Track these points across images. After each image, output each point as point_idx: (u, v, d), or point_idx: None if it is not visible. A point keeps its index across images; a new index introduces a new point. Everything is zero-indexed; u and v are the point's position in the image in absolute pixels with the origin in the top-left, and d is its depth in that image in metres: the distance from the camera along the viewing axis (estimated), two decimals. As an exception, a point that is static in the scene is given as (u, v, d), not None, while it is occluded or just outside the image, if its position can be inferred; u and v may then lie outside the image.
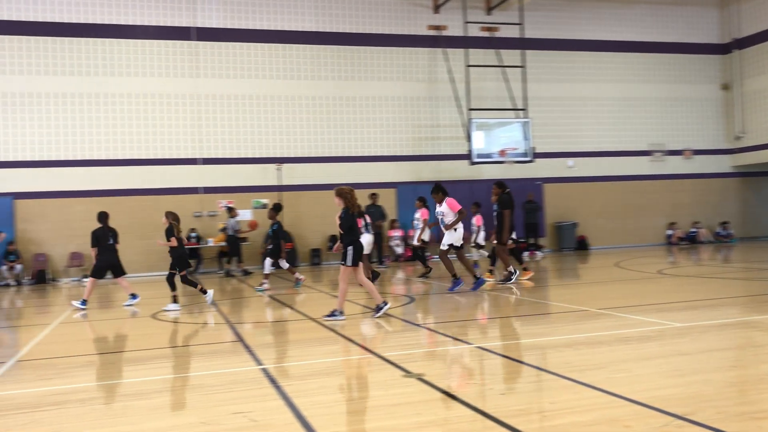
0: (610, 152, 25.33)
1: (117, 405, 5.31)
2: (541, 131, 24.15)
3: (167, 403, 5.31)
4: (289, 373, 6.25)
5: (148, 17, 21.06)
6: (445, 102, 23.43)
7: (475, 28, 23.47)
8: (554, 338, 7.49)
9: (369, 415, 4.76)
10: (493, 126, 22.55)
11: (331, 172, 22.14)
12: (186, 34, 21.37)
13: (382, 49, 23.05)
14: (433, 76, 23.52)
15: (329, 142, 22.49)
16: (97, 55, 20.61)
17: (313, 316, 9.75)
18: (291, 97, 22.21)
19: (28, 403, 5.44)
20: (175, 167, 21.13)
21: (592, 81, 25.21)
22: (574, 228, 24.40)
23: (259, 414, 4.82)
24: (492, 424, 4.37)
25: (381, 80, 23.04)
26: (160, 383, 6.08)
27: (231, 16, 21.78)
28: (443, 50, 23.34)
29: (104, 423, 4.85)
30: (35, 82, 20.06)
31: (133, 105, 20.88)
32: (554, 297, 11.59)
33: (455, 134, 23.37)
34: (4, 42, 19.87)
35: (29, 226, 19.93)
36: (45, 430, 4.69)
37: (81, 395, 5.66)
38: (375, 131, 22.93)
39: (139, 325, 10.34)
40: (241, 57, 21.84)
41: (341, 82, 22.65)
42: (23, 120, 19.95)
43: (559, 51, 24.80)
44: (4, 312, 13.41)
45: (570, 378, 5.41)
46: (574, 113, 24.97)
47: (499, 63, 23.41)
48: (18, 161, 19.88)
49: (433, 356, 6.85)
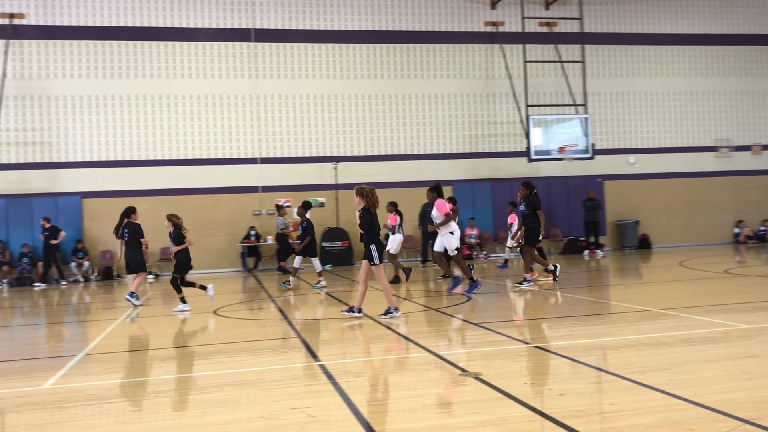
0: (674, 148, 24.64)
1: (180, 398, 5.45)
2: (601, 127, 23.70)
3: (228, 398, 5.43)
4: (346, 370, 6.30)
5: (209, 20, 21.52)
6: (503, 99, 23.21)
7: (533, 24, 23.16)
8: (615, 339, 7.35)
9: (425, 413, 4.76)
10: (552, 122, 22.22)
11: (387, 170, 22.21)
12: (245, 35, 21.75)
13: (438, 47, 22.99)
14: (490, 73, 23.32)
15: (385, 141, 22.55)
16: (160, 58, 21.17)
17: (370, 313, 9.80)
18: (348, 96, 22.36)
19: (96, 395, 5.63)
20: (235, 167, 21.54)
21: (655, 75, 24.57)
22: (635, 226, 23.84)
23: (316, 410, 4.88)
24: (551, 425, 4.32)
25: (437, 78, 22.98)
26: (221, 378, 6.22)
27: (289, 17, 22.06)
28: (500, 46, 23.12)
29: (168, 416, 4.99)
30: (101, 84, 20.74)
31: (195, 106, 21.38)
32: (615, 297, 11.36)
33: (513, 131, 23.14)
34: (73, 47, 20.61)
35: (96, 225, 20.63)
36: (112, 422, 4.85)
37: (146, 388, 5.83)
38: (431, 129, 22.88)
39: (200, 321, 10.58)
40: (298, 57, 22.10)
41: (398, 80, 22.68)
42: (90, 122, 20.66)
43: (620, 45, 24.26)
44: (73, 307, 13.92)
45: (631, 379, 5.30)
46: (636, 108, 24.39)
47: (558, 58, 23.05)
48: (85, 162, 20.60)
49: (491, 355, 6.80)
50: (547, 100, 23.13)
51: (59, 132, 20.46)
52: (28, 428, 4.87)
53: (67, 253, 19.98)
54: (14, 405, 5.50)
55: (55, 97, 20.44)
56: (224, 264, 21.29)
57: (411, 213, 22.68)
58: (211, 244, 21.19)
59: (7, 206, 19.85)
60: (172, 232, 11.56)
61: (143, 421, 4.87)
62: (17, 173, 20.10)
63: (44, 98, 20.38)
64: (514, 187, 23.29)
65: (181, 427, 4.64)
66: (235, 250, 21.32)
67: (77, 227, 20.33)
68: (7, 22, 20.05)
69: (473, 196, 22.90)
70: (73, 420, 4.99)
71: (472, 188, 22.95)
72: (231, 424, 4.67)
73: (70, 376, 6.51)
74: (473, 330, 8.40)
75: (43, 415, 5.22)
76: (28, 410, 5.36)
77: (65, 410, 5.28)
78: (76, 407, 5.33)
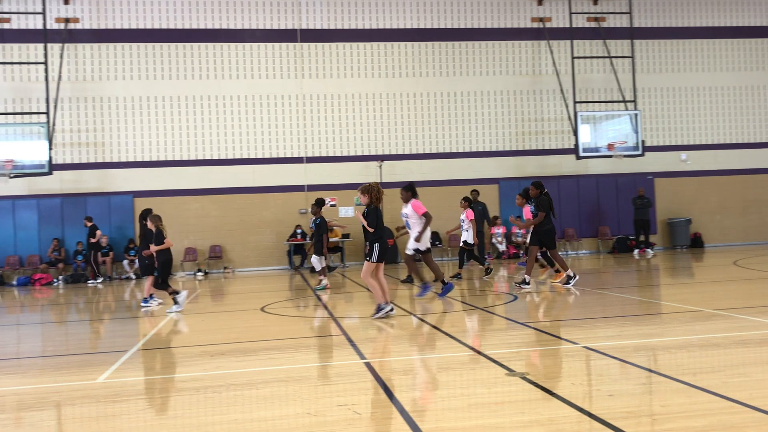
0: (727, 144, 23.98)
1: (229, 394, 5.54)
2: (651, 123, 23.23)
3: (275, 394, 5.49)
4: (391, 368, 6.32)
5: (256, 21, 21.80)
6: (550, 95, 22.94)
7: (581, 19, 22.83)
8: (665, 339, 7.19)
9: (471, 412, 4.74)
10: (601, 119, 21.87)
11: (432, 168, 22.18)
12: (291, 36, 21.96)
13: (484, 44, 22.84)
14: (537, 69, 23.07)
15: (430, 139, 22.50)
16: (209, 59, 21.54)
17: (414, 312, 9.80)
18: (393, 95, 22.38)
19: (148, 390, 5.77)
20: (281, 166, 21.78)
21: (707, 70, 23.94)
22: (687, 224, 23.28)
23: (362, 407, 4.90)
24: (599, 426, 4.25)
25: (483, 75, 22.82)
26: (268, 374, 6.29)
27: (334, 16, 22.20)
28: (547, 42, 22.84)
29: (218, 411, 5.08)
30: (152, 86, 21.20)
31: (242, 106, 21.69)
32: (666, 296, 11.12)
33: (560, 128, 22.85)
34: (125, 49, 21.11)
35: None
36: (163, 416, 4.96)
37: (196, 383, 5.95)
38: (477, 127, 22.75)
39: (248, 317, 10.73)
40: (344, 56, 22.22)
41: (443, 78, 22.61)
42: (141, 122, 21.14)
43: (670, 39, 23.72)
44: (126, 304, 14.26)
45: (682, 381, 5.19)
46: (688, 104, 23.82)
47: (607, 54, 22.66)
48: (137, 161, 21.08)
49: (538, 355, 6.73)
50: (596, 97, 22.78)
51: (112, 133, 21.00)
52: (83, 421, 5.02)
53: (119, 252, 20.50)
54: (70, 398, 5.68)
55: (108, 99, 20.98)
56: (272, 262, 21.55)
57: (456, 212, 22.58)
58: (260, 242, 21.49)
59: (63, 205, 20.47)
60: (154, 232, 11.49)
61: (193, 415, 4.96)
62: (72, 173, 20.70)
63: (97, 100, 20.94)
64: (562, 185, 23.03)
65: (229, 422, 4.72)
66: (283, 248, 21.56)
67: (129, 226, 20.83)
68: (62, 27, 20.65)
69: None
70: (126, 413, 5.12)
71: (519, 186, 22.65)
72: (278, 420, 4.73)
73: (123, 370, 6.68)
74: (520, 330, 8.32)
75: (97, 409, 5.37)
76: (83, 403, 5.52)
77: (118, 404, 5.43)
78: (129, 401, 5.47)
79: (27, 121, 19.91)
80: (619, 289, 11.82)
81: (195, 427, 4.66)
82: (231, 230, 21.39)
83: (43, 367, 7.34)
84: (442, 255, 22.33)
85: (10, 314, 13.26)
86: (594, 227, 23.29)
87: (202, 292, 15.43)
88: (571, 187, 23.13)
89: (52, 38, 20.30)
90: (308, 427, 4.52)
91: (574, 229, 23.07)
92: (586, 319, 9.19)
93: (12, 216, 20.40)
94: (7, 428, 4.87)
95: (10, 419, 5.10)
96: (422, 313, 9.50)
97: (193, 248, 21.14)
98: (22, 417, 5.14)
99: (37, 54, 20.29)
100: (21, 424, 4.95)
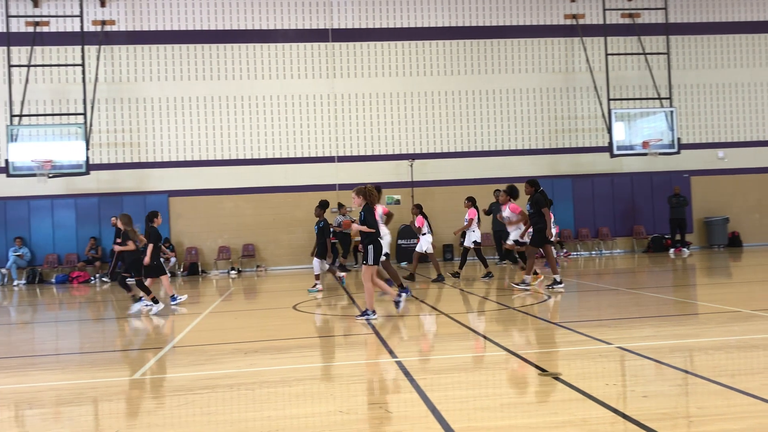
0: (767, 142, 23.48)
1: (262, 391, 5.59)
2: (687, 121, 22.86)
3: (307, 391, 5.53)
4: (423, 367, 6.31)
5: (288, 21, 21.94)
6: (584, 93, 22.69)
7: (614, 15, 22.54)
8: (702, 340, 7.07)
9: (503, 412, 4.72)
10: (635, 116, 21.58)
11: (464, 167, 22.11)
12: (323, 35, 22.06)
13: (516, 41, 22.68)
14: (570, 67, 22.84)
15: (462, 137, 22.42)
16: (242, 60, 21.74)
17: (447, 311, 9.78)
18: (424, 93, 22.35)
19: (183, 386, 5.85)
20: (313, 165, 21.89)
21: (746, 65, 23.46)
22: (725, 223, 22.84)
23: (394, 406, 4.91)
24: (633, 428, 4.20)
25: (515, 73, 22.66)
26: (301, 372, 6.34)
27: (365, 15, 22.24)
28: (581, 39, 22.59)
29: (251, 408, 5.13)
30: (186, 86, 21.48)
31: (275, 106, 21.85)
32: (703, 296, 10.93)
33: (594, 126, 22.60)
34: (159, 51, 21.42)
35: (182, 222, 21.39)
36: (198, 412, 5.03)
37: (229, 381, 6.01)
38: (510, 125, 22.60)
39: (281, 316, 10.81)
40: (375, 55, 22.25)
41: (474, 76, 22.51)
42: (176, 123, 21.43)
43: (707, 35, 23.29)
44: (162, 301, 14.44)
45: (720, 382, 5.09)
46: (725, 100, 23.36)
47: (641, 50, 22.34)
48: (172, 161, 21.38)
49: (571, 355, 6.67)
50: (630, 94, 22.48)
51: (147, 133, 21.32)
52: (119, 416, 5.11)
53: (154, 250, 20.79)
54: (107, 394, 5.78)
55: (143, 100, 21.31)
56: (304, 260, 21.63)
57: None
58: (292, 240, 21.64)
59: (100, 204, 20.84)
60: (123, 233, 11.50)
61: (227, 412, 5.02)
62: (108, 173, 21.07)
63: (133, 101, 21.28)
64: (596, 183, 22.77)
65: (262, 419, 4.76)
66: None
67: (164, 225, 21.10)
68: (98, 29, 21.03)
69: (553, 193, 22.47)
70: (161, 410, 5.20)
71: (552, 185, 22.54)
72: (310, 417, 4.76)
73: (158, 367, 6.78)
74: (553, 329, 8.25)
75: (132, 404, 5.46)
76: (120, 399, 5.62)
77: (153, 400, 5.51)
78: (164, 397, 5.55)
79: (65, 122, 20.32)
80: (655, 289, 11.65)
81: (229, 423, 4.71)
82: (264, 229, 21.59)
83: (80, 363, 7.48)
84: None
85: (49, 311, 13.55)
86: (628, 226, 22.98)
87: (236, 290, 15.59)
88: (605, 185, 22.86)
89: (89, 40, 20.68)
90: (340, 424, 4.54)
91: (608, 228, 22.80)
92: (621, 319, 9.07)
93: (51, 215, 20.84)
94: (46, 422, 4.98)
95: (50, 414, 5.22)
96: (453, 312, 9.47)
97: (227, 247, 21.37)
98: (60, 412, 5.25)
99: (75, 56, 20.68)
100: (59, 419, 5.06)
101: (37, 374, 6.81)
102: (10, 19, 20.51)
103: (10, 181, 19.83)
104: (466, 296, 12.03)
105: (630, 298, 10.88)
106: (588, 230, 22.76)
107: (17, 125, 19.78)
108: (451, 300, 11.64)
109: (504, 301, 10.98)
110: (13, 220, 20.56)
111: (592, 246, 22.87)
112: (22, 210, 20.71)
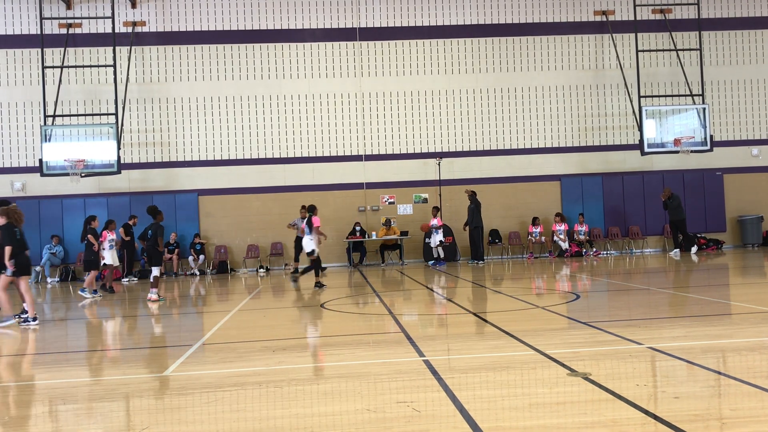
0: (803, 138, 23.02)
1: (290, 389, 5.61)
2: (720, 117, 22.49)
3: (335, 389, 5.54)
4: (451, 366, 6.29)
5: (315, 21, 22.03)
6: (614, 89, 22.44)
7: (645, 11, 22.25)
8: (736, 341, 6.94)
9: (532, 412, 4.68)
10: (667, 113, 21.27)
11: (492, 165, 22.01)
12: (350, 34, 22.10)
13: (545, 38, 22.50)
14: (600, 63, 22.59)
15: (490, 135, 22.31)
16: (270, 59, 21.89)
17: (474, 310, 9.73)
18: (452, 92, 22.29)
19: (212, 384, 5.90)
20: (340, 164, 21.95)
21: (781, 61, 23.00)
22: (759, 222, 22.42)
23: (421, 404, 4.90)
24: (664, 429, 4.14)
25: (544, 70, 22.49)
26: (329, 370, 6.35)
27: (393, 14, 22.23)
28: (611, 36, 22.34)
29: (279, 405, 5.15)
30: (215, 86, 21.68)
31: (303, 105, 21.96)
32: (736, 296, 10.74)
33: (625, 123, 22.34)
34: (189, 51, 21.65)
35: (211, 220, 21.60)
36: (226, 409, 5.07)
37: (258, 378, 6.05)
38: (538, 122, 22.44)
39: (308, 314, 10.85)
40: (402, 54, 22.24)
41: (503, 74, 22.38)
42: (206, 122, 21.65)
43: (740, 30, 22.88)
44: (191, 299, 14.62)
45: (754, 384, 5.00)
46: (759, 97, 22.94)
47: (673, 46, 22.02)
48: (201, 161, 21.60)
49: (600, 355, 6.59)
50: (661, 90, 22.19)
51: (177, 132, 21.57)
52: (150, 413, 5.17)
53: (185, 248, 21.04)
54: (138, 390, 5.86)
55: (173, 99, 21.55)
56: (332, 259, 21.74)
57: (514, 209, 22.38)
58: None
59: (131, 203, 21.12)
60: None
61: (255, 409, 5.05)
62: (139, 172, 21.35)
63: (163, 100, 21.53)
64: (626, 181, 22.50)
65: (290, 417, 4.78)
66: (342, 245, 21.73)
67: (194, 223, 21.36)
68: (129, 30, 21.31)
69: (582, 191, 22.31)
70: (191, 406, 5.25)
71: (581, 183, 22.36)
72: (338, 416, 4.77)
73: (188, 364, 6.85)
74: (582, 329, 8.17)
75: (163, 401, 5.53)
76: (150, 396, 5.69)
77: (183, 397, 5.57)
78: (193, 394, 5.60)
79: (97, 123, 20.63)
80: (686, 289, 11.47)
81: (257, 420, 4.74)
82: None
83: (112, 360, 7.60)
84: (503, 253, 22.12)
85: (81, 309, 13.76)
86: (660, 225, 22.67)
87: (264, 289, 15.69)
88: (635, 183, 22.58)
89: (120, 41, 20.98)
90: (368, 422, 4.54)
91: (638, 227, 22.51)
92: (652, 319, 8.95)
93: (83, 214, 21.12)
94: (79, 418, 5.06)
95: (83, 409, 5.30)
96: (482, 311, 9.43)
97: (255, 245, 21.52)
98: (93, 407, 5.34)
99: (106, 57, 20.98)
100: (92, 414, 5.14)
101: (71, 370, 6.92)
102: (44, 21, 20.88)
103: (44, 180, 20.21)
104: (493, 294, 11.97)
105: (661, 297, 10.73)
106: (618, 229, 22.50)
107: (51, 125, 20.14)
108: (479, 298, 11.58)
109: (533, 301, 10.90)
110: (47, 219, 20.94)
111: (622, 245, 22.60)
112: (56, 209, 21.08)
